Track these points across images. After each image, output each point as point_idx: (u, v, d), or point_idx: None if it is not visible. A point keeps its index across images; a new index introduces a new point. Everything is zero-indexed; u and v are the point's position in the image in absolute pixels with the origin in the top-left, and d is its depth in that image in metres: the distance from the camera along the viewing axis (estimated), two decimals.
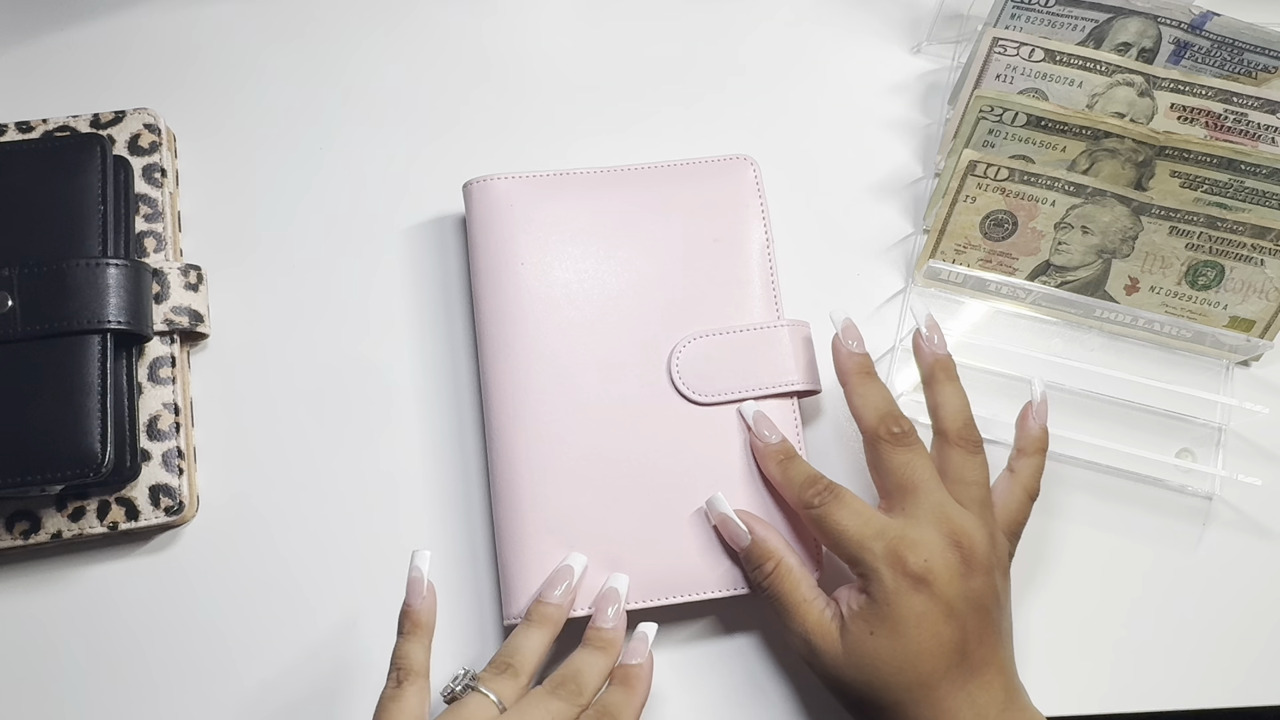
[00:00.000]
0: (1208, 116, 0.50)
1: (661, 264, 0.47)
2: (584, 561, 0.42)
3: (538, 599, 0.41)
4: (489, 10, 0.56)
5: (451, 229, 0.51)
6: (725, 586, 0.43)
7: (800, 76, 0.55)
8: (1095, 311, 0.50)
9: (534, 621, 0.40)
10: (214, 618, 0.45)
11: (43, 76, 0.52)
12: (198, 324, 0.47)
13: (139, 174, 0.48)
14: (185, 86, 0.53)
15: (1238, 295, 0.49)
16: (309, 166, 0.52)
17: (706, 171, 0.49)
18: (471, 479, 0.47)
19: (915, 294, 0.51)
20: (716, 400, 0.45)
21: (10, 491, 0.40)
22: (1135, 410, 0.49)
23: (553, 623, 0.40)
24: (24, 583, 0.45)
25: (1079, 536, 0.48)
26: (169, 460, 0.44)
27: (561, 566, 0.42)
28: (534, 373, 0.44)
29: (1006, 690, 0.38)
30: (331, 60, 0.54)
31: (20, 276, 0.42)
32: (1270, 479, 0.49)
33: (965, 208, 0.49)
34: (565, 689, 0.38)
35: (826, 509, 0.40)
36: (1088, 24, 0.51)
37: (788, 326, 0.46)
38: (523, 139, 0.53)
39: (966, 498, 0.40)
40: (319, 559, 0.45)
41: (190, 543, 0.46)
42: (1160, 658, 0.46)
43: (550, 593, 0.41)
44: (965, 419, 0.42)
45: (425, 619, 0.39)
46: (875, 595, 0.38)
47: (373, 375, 0.48)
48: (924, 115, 0.55)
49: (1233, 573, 0.47)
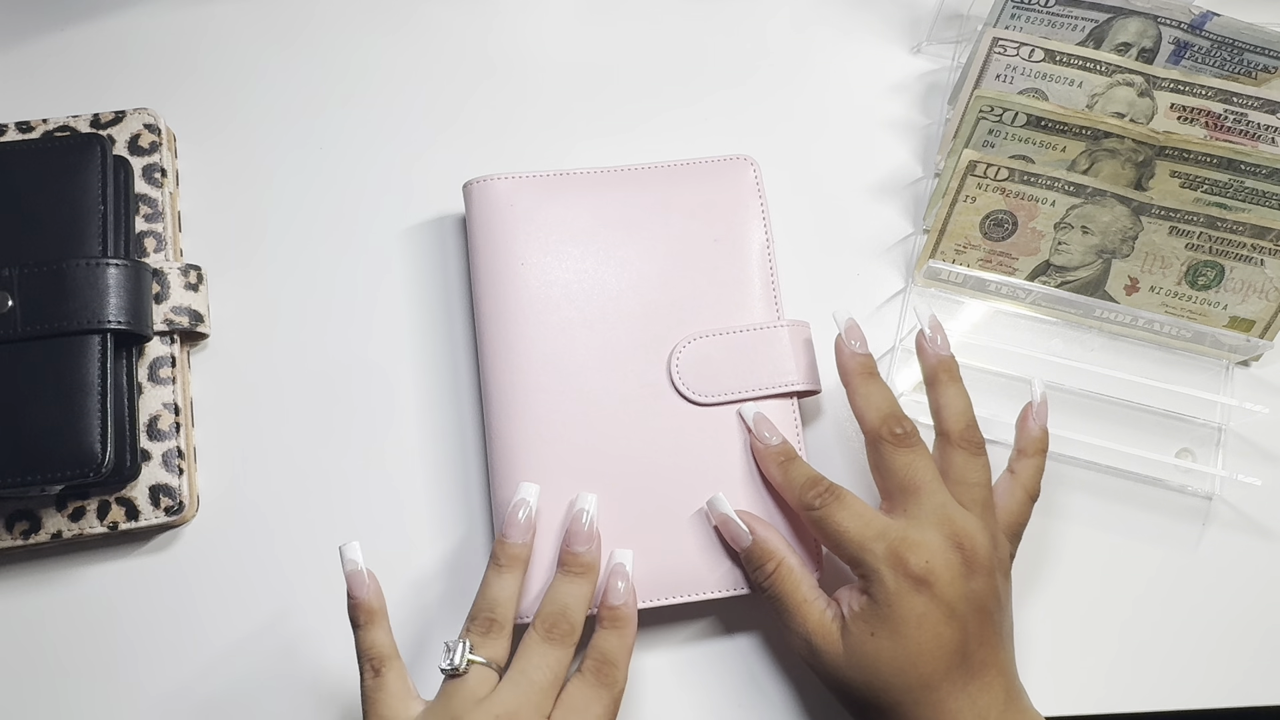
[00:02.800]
0: (1208, 116, 0.50)
1: (661, 264, 0.47)
2: (536, 490, 0.42)
3: (500, 539, 0.40)
4: (490, 11, 0.56)
5: (451, 229, 0.51)
6: (725, 587, 0.43)
7: (800, 77, 0.55)
8: (1095, 311, 0.50)
9: (504, 566, 0.40)
10: (214, 617, 0.45)
11: (43, 76, 0.52)
12: (198, 324, 0.47)
13: (139, 174, 0.48)
14: (185, 86, 0.53)
15: (1238, 295, 0.49)
16: (309, 166, 0.52)
17: (706, 171, 0.49)
18: (471, 479, 0.47)
19: (915, 294, 0.51)
20: (716, 400, 0.45)
21: (10, 491, 0.40)
22: (1135, 410, 0.49)
23: (522, 561, 0.40)
24: (24, 583, 0.45)
25: (1079, 536, 0.48)
26: (169, 460, 0.44)
27: (516, 500, 0.41)
28: (534, 373, 0.44)
29: (1007, 691, 0.38)
30: (332, 60, 0.54)
31: (20, 276, 0.42)
32: (1270, 479, 0.49)
33: (965, 208, 0.49)
34: (558, 630, 0.38)
35: (827, 510, 0.40)
36: (1088, 24, 0.51)
37: (788, 326, 0.46)
38: (523, 139, 0.53)
39: (968, 499, 0.40)
40: (319, 558, 0.45)
41: (190, 543, 0.46)
42: (1160, 658, 0.46)
43: (512, 531, 0.40)
44: (968, 420, 0.42)
45: (375, 604, 0.39)
46: (876, 596, 0.38)
47: (373, 375, 0.48)
48: (924, 115, 0.55)
49: (1233, 573, 0.47)
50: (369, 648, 0.38)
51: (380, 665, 0.38)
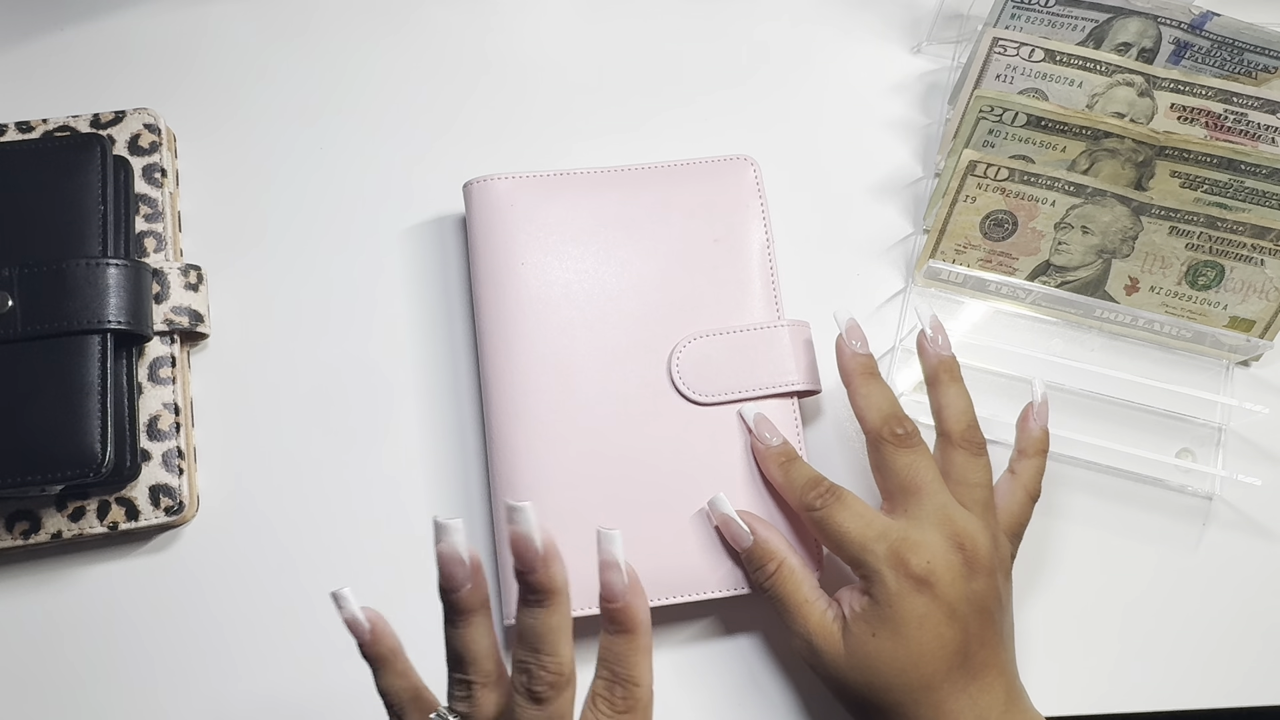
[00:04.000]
0: (1208, 116, 0.50)
1: (662, 264, 0.47)
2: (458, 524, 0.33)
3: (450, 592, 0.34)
4: (489, 10, 0.56)
5: (451, 229, 0.51)
6: (726, 587, 0.43)
7: (800, 76, 0.55)
8: (1095, 311, 0.50)
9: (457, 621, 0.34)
10: (214, 618, 0.45)
11: (43, 76, 0.52)
12: (198, 324, 0.47)
13: (139, 174, 0.48)
14: (185, 86, 0.53)
15: (1238, 295, 0.49)
16: (309, 166, 0.52)
17: (707, 171, 0.49)
18: (471, 479, 0.47)
19: (915, 294, 0.51)
20: (717, 400, 0.45)
21: (10, 491, 0.40)
22: (1135, 410, 0.49)
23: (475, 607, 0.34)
24: (24, 583, 0.45)
25: (1079, 536, 0.48)
26: (169, 460, 0.44)
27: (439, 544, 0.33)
28: (534, 373, 0.44)
29: (1008, 692, 0.38)
30: (331, 60, 0.54)
31: (20, 276, 0.42)
32: (1270, 479, 0.49)
33: (965, 208, 0.49)
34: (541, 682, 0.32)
35: (828, 511, 0.40)
36: (1088, 24, 0.51)
37: (788, 326, 0.46)
38: (523, 139, 0.53)
39: (969, 499, 0.40)
40: (319, 558, 0.45)
41: (190, 543, 0.46)
42: (1160, 658, 0.46)
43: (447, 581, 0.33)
44: (969, 421, 0.42)
45: (382, 649, 0.35)
46: (877, 597, 0.38)
47: (373, 375, 0.48)
48: (924, 115, 0.55)
49: (1233, 573, 0.48)
50: (384, 694, 0.35)
51: (404, 710, 0.35)
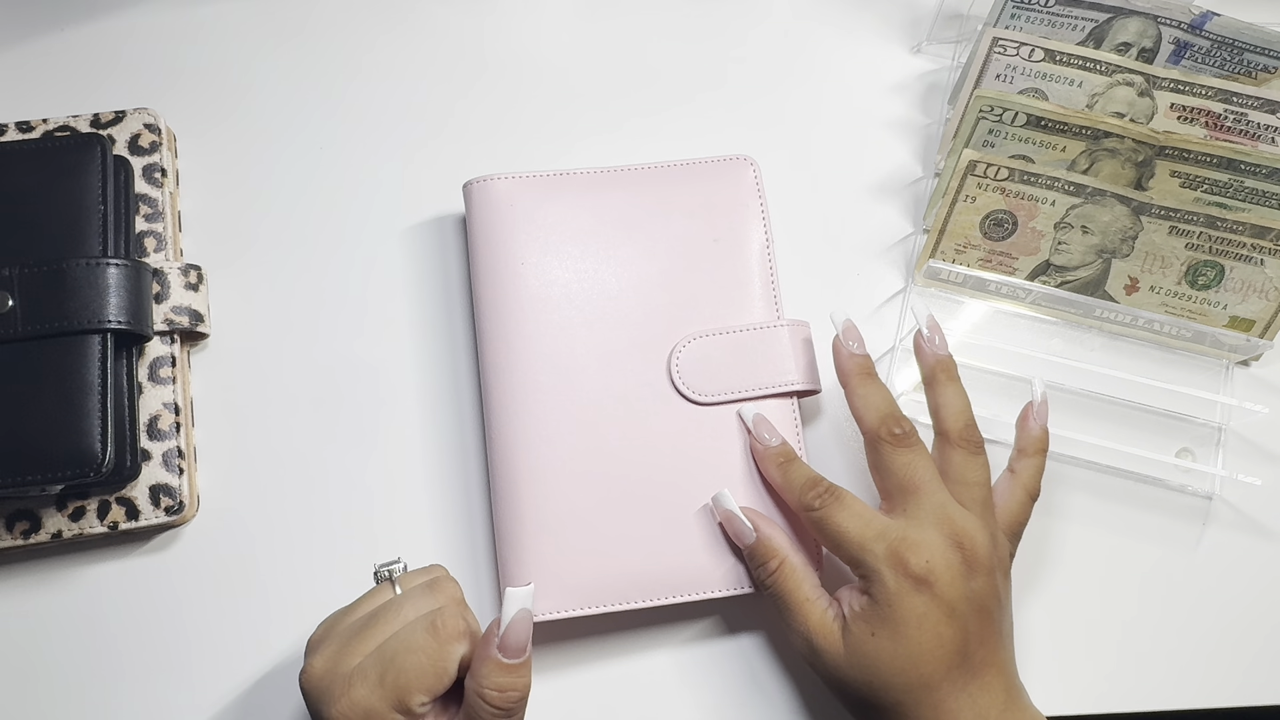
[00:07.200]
0: (1208, 116, 0.50)
1: (661, 264, 0.47)
2: None
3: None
4: (489, 9, 0.56)
5: (451, 229, 0.51)
6: (726, 586, 0.43)
7: (800, 76, 0.55)
8: (1095, 311, 0.50)
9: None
10: (214, 617, 0.45)
11: (43, 76, 0.52)
12: (198, 324, 0.47)
13: (139, 174, 0.48)
14: (185, 86, 0.53)
15: (1238, 295, 0.49)
16: (309, 166, 0.52)
17: (706, 171, 0.49)
18: (471, 479, 0.47)
19: (915, 294, 0.51)
20: (716, 400, 0.45)
21: (10, 491, 0.40)
22: (1135, 410, 0.49)
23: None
24: (24, 583, 0.45)
25: (1079, 536, 0.48)
26: (169, 460, 0.44)
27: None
28: (534, 373, 0.44)
29: (1007, 691, 0.38)
30: (331, 59, 0.54)
31: (20, 276, 0.42)
32: (1270, 479, 0.49)
33: (965, 208, 0.49)
34: None
35: (827, 511, 0.40)
36: (1088, 24, 0.51)
37: (787, 326, 0.46)
38: (523, 138, 0.53)
39: (968, 498, 0.40)
40: (319, 558, 0.45)
41: (190, 543, 0.46)
42: (1160, 657, 0.46)
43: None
44: (967, 420, 0.42)
45: None
46: (877, 596, 0.38)
47: (373, 375, 0.48)
48: (924, 115, 0.55)
49: (1233, 573, 0.47)
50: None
51: None
